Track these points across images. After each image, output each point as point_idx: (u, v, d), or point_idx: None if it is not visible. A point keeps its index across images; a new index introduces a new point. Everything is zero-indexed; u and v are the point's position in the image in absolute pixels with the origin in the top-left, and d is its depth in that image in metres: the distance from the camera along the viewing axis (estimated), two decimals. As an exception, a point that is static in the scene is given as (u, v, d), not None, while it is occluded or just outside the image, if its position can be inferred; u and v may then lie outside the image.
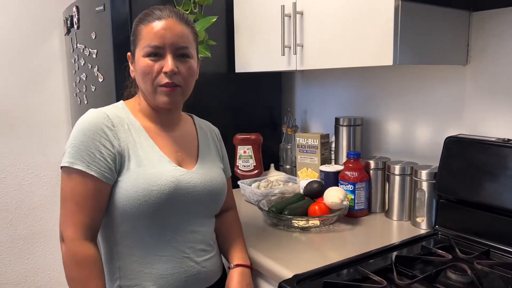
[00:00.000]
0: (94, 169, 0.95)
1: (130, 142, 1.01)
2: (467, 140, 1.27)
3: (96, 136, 0.97)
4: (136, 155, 1.00)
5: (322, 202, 1.42)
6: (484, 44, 1.31)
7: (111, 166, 0.97)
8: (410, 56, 1.19)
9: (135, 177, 0.98)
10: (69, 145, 0.98)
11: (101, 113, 1.01)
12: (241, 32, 1.75)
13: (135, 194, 0.97)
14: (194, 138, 1.18)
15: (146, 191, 0.97)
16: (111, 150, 0.97)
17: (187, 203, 1.04)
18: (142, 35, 1.02)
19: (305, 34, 1.43)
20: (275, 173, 1.86)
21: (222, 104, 1.86)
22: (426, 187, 1.35)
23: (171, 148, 1.08)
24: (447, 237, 1.26)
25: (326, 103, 1.90)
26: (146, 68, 1.01)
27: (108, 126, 0.99)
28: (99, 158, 0.96)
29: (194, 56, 1.07)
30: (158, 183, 0.99)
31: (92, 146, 0.96)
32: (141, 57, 1.01)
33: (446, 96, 1.43)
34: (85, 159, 0.95)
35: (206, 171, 1.11)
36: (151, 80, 1.01)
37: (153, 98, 1.04)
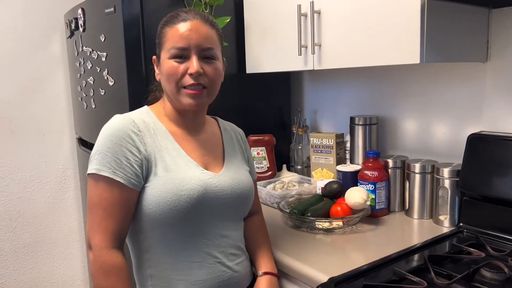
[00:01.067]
0: (121, 175, 0.94)
1: (156, 147, 0.99)
2: (490, 137, 1.27)
3: (122, 142, 0.95)
4: (163, 160, 0.99)
5: (344, 203, 1.41)
6: (505, 41, 1.31)
7: (138, 172, 0.96)
8: (435, 54, 1.19)
9: (163, 182, 0.96)
10: (96, 151, 0.96)
11: (126, 119, 0.99)
12: (252, 33, 1.73)
13: (164, 199, 0.95)
14: (219, 141, 1.17)
15: (175, 196, 0.96)
16: (137, 156, 0.96)
17: (216, 207, 1.03)
18: (168, 37, 1.01)
19: (323, 33, 1.41)
20: (287, 174, 1.85)
21: (232, 105, 1.83)
22: (448, 184, 1.35)
23: (198, 152, 1.07)
24: (474, 234, 1.25)
25: (337, 103, 1.89)
26: (171, 70, 1.00)
27: (134, 131, 0.97)
28: (126, 165, 0.94)
29: (219, 58, 1.06)
30: (187, 187, 0.97)
31: (119, 152, 0.94)
32: (166, 59, 1.01)
33: (465, 94, 1.43)
34: (111, 166, 0.94)
35: (233, 174, 1.10)
36: (175, 82, 1.00)
37: (178, 100, 1.02)
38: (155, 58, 1.08)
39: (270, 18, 1.63)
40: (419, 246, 1.21)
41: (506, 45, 1.31)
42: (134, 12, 1.52)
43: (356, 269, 1.06)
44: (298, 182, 1.75)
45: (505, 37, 1.31)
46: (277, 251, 1.21)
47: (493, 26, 1.33)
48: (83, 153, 2.11)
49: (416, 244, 1.22)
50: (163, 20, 1.05)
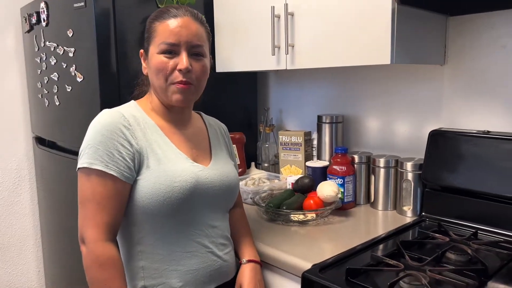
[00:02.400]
0: (114, 168, 0.94)
1: (147, 140, 1.01)
2: (449, 132, 1.39)
3: (114, 135, 0.96)
4: (155, 153, 1.00)
5: (316, 196, 1.47)
6: (460, 46, 1.44)
7: (130, 165, 0.97)
8: (403, 56, 1.28)
9: (156, 175, 0.98)
10: (86, 146, 0.96)
11: (116, 113, 1.00)
12: (222, 32, 1.76)
13: (157, 191, 0.97)
14: (205, 135, 1.20)
15: (169, 188, 0.97)
16: (129, 149, 0.97)
17: (207, 198, 1.06)
18: (158, 32, 1.02)
19: (296, 34, 1.47)
20: (256, 171, 1.89)
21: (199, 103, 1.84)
22: (411, 177, 1.46)
23: (186, 145, 1.09)
24: (436, 222, 1.37)
25: (302, 102, 1.96)
26: (160, 65, 1.01)
27: (125, 125, 0.98)
28: (118, 158, 0.95)
29: (207, 55, 1.09)
30: (180, 179, 0.99)
31: (111, 146, 0.95)
32: (156, 54, 1.01)
33: (425, 94, 1.55)
34: (104, 159, 0.94)
35: (221, 167, 1.13)
36: (164, 77, 1.01)
37: (166, 95, 1.04)
38: (142, 52, 1.09)
39: (242, 18, 1.67)
40: (390, 233, 1.29)
41: (461, 50, 1.44)
42: (105, 7, 1.49)
43: (337, 256, 1.13)
44: (267, 178, 1.79)
45: (460, 42, 1.44)
46: (258, 243, 1.25)
47: (450, 32, 1.46)
48: (42, 152, 2.02)
49: (387, 232, 1.30)
50: (152, 15, 1.06)
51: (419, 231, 1.30)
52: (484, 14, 1.37)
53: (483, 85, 1.41)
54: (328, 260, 1.10)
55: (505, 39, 1.34)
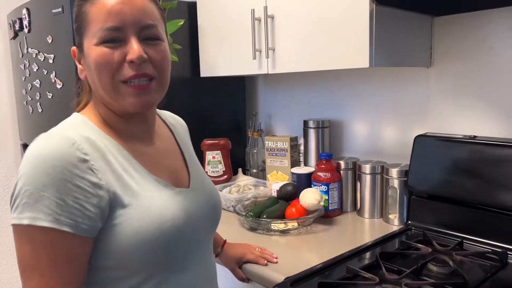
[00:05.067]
0: (67, 222, 0.66)
1: (113, 171, 0.73)
2: (435, 137, 1.34)
3: (65, 174, 0.67)
4: (127, 187, 0.74)
5: (299, 204, 1.43)
6: (446, 48, 1.39)
7: (92, 213, 0.69)
8: (383, 59, 1.24)
9: (138, 217, 0.73)
10: (24, 191, 0.66)
11: (65, 140, 0.70)
12: (206, 36, 1.73)
13: (143, 238, 0.72)
14: (175, 144, 0.95)
15: (158, 231, 0.74)
16: (89, 191, 0.69)
17: (199, 230, 0.85)
18: (91, 17, 0.74)
19: (277, 38, 1.43)
20: (243, 177, 1.85)
21: (186, 108, 1.81)
22: (397, 184, 1.41)
23: (160, 166, 0.84)
24: (421, 231, 1.31)
25: (291, 106, 1.92)
26: (102, 59, 0.73)
27: (79, 157, 0.69)
28: (73, 206, 0.67)
29: (164, 38, 0.81)
30: (169, 217, 0.76)
31: (62, 191, 0.66)
32: (93, 46, 0.74)
33: (411, 97, 1.50)
34: (52, 211, 0.66)
35: (203, 185, 0.92)
36: (110, 75, 0.74)
37: (117, 100, 0.76)
38: (75, 49, 0.80)
39: (224, 22, 1.63)
40: (370, 244, 1.24)
41: (448, 51, 1.38)
42: (83, 12, 1.47)
43: (311, 268, 1.08)
44: (254, 185, 1.75)
45: (446, 43, 1.38)
46: (233, 254, 1.21)
47: (435, 33, 1.40)
48: (29, 160, 2.01)
49: (368, 242, 1.25)
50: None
51: (401, 241, 1.24)
52: (470, 14, 1.32)
53: (470, 88, 1.35)
54: (301, 273, 1.06)
55: (492, 40, 1.28)
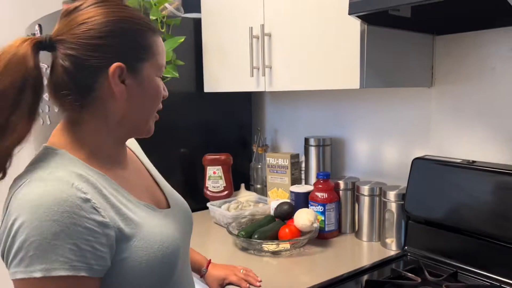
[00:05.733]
0: (82, 267, 0.65)
1: (112, 205, 0.72)
2: (433, 161, 1.29)
3: (74, 219, 0.64)
4: (127, 220, 0.73)
5: (293, 225, 1.41)
6: (449, 67, 1.33)
7: (103, 253, 0.68)
8: (376, 80, 1.20)
9: (144, 246, 0.73)
10: (30, 243, 0.62)
11: (62, 182, 0.67)
12: (209, 53, 1.74)
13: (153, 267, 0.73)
14: (138, 161, 0.94)
15: (163, 256, 0.75)
16: (97, 230, 0.67)
17: (186, 248, 0.89)
18: (158, 50, 0.78)
19: (274, 56, 1.42)
20: (245, 193, 1.84)
21: (191, 123, 1.83)
22: (394, 208, 1.36)
23: (140, 189, 0.84)
24: (416, 258, 1.26)
25: (296, 123, 1.90)
26: (160, 91, 0.80)
27: (82, 197, 0.66)
28: (86, 249, 0.65)
29: None
30: (170, 240, 0.78)
31: (74, 236, 0.64)
32: (155, 76, 0.79)
33: (412, 117, 1.45)
34: (68, 258, 0.63)
35: (178, 202, 0.93)
36: (157, 106, 0.81)
37: (146, 128, 0.81)
38: (124, 67, 0.73)
39: (226, 39, 1.64)
40: (360, 270, 1.21)
41: (450, 71, 1.33)
42: (87, 30, 1.51)
43: (291, 295, 1.06)
44: (255, 202, 1.74)
45: (449, 63, 1.33)
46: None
47: (437, 52, 1.35)
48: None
49: (359, 268, 1.22)
50: (144, 23, 0.77)
51: (392, 269, 1.20)
52: (472, 33, 1.27)
53: (471, 109, 1.29)
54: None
55: (494, 61, 1.23)
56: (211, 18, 1.70)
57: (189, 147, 1.83)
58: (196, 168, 1.84)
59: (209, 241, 1.52)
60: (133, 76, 0.74)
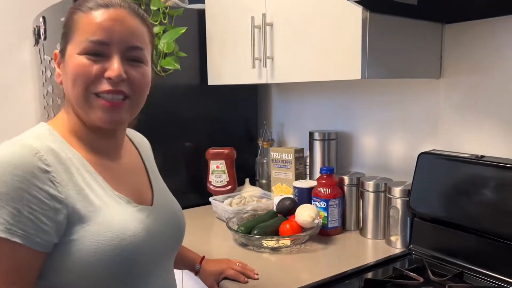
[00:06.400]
0: (19, 233, 0.64)
1: (75, 184, 0.71)
2: (440, 156, 1.23)
3: (24, 184, 0.64)
4: (88, 202, 0.72)
5: (294, 221, 1.37)
6: (458, 57, 1.27)
7: (46, 227, 0.66)
8: (379, 70, 1.15)
9: (97, 232, 0.70)
10: None
11: (27, 149, 0.67)
12: (213, 44, 1.70)
13: (103, 254, 0.70)
14: (140, 162, 0.94)
15: (117, 248, 0.71)
16: (48, 203, 0.66)
17: (160, 249, 0.83)
18: (80, 26, 0.75)
19: (275, 47, 1.38)
20: (250, 188, 1.81)
21: (195, 117, 1.80)
22: (400, 204, 1.30)
23: (124, 183, 0.82)
24: (420, 257, 1.21)
25: (303, 116, 1.85)
26: (79, 68, 0.73)
27: (41, 167, 0.67)
28: (27, 217, 0.64)
29: (148, 62, 0.82)
30: (130, 233, 0.74)
31: (18, 200, 0.64)
32: (75, 54, 0.74)
33: (420, 110, 1.39)
34: (5, 220, 0.63)
35: (165, 201, 0.91)
36: (85, 85, 0.74)
37: (86, 112, 0.76)
38: (57, 53, 0.80)
39: (228, 30, 1.60)
40: (361, 268, 1.16)
41: (460, 61, 1.27)
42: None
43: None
44: (259, 197, 1.70)
45: (459, 52, 1.27)
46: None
47: (446, 42, 1.29)
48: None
49: (359, 267, 1.17)
50: (75, 3, 0.78)
51: (394, 267, 1.15)
52: (484, 21, 1.20)
53: (482, 101, 1.23)
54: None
55: (507, 50, 1.16)
56: (214, 8, 1.67)
57: (193, 141, 1.81)
58: (200, 162, 1.82)
59: (210, 236, 1.49)
60: (63, 60, 0.78)
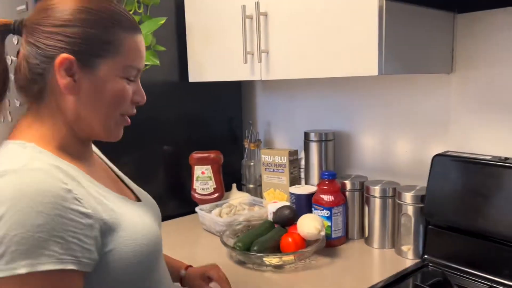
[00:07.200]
0: (71, 260, 0.61)
1: (93, 196, 0.69)
2: (458, 158, 1.13)
3: (58, 209, 0.60)
4: (108, 210, 0.70)
5: (296, 232, 1.23)
6: (472, 50, 1.17)
7: (88, 246, 0.64)
8: (395, 65, 1.03)
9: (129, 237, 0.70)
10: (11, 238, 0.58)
11: (41, 172, 0.63)
12: (194, 37, 1.53)
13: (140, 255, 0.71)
14: (101, 161, 0.90)
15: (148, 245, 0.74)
16: (82, 222, 0.63)
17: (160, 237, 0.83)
18: (126, 49, 0.72)
19: (271, 39, 1.23)
20: (238, 194, 1.65)
21: (175, 117, 1.63)
22: (412, 211, 1.19)
23: (110, 184, 0.81)
24: (439, 269, 1.10)
25: (292, 115, 1.71)
26: (123, 93, 0.73)
27: (64, 188, 0.63)
28: (72, 241, 0.61)
29: None
30: (151, 230, 0.77)
31: (59, 228, 0.60)
32: (117, 77, 0.72)
33: (429, 108, 1.28)
34: (54, 251, 0.59)
35: (142, 192, 0.91)
36: (122, 108, 0.75)
37: (109, 129, 0.75)
38: (74, 61, 0.68)
39: (213, 21, 1.43)
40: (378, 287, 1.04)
41: (472, 55, 1.17)
42: (50, 11, 1.29)
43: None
44: (249, 204, 1.56)
45: (472, 45, 1.17)
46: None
47: (458, 33, 1.18)
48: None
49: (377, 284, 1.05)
50: (112, 17, 0.71)
51: (416, 284, 1.04)
52: (500, 11, 1.10)
53: (500, 98, 1.13)
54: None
55: (528, 42, 1.07)
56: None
57: (172, 144, 1.63)
58: (181, 168, 1.65)
59: (200, 252, 1.33)
60: (86, 72, 0.70)
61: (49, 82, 0.69)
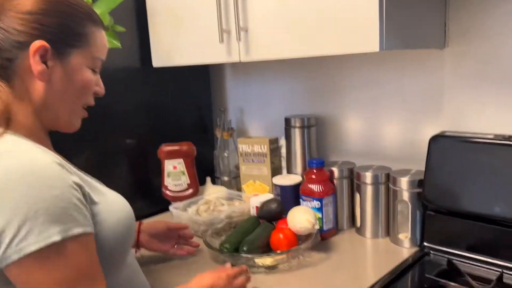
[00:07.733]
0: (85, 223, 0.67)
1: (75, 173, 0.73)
2: (457, 138, 1.06)
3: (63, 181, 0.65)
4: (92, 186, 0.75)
5: (287, 228, 1.13)
6: (465, 24, 1.10)
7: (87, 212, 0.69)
8: (395, 40, 0.94)
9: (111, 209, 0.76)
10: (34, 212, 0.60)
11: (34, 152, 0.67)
12: (158, 16, 1.36)
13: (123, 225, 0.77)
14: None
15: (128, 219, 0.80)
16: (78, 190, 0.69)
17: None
18: (96, 42, 0.78)
19: (251, 15, 1.10)
20: (213, 189, 1.52)
21: (136, 106, 1.46)
22: (408, 197, 1.12)
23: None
24: (444, 257, 1.04)
25: (267, 100, 1.59)
26: (89, 83, 0.78)
27: (57, 162, 0.67)
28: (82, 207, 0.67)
29: None
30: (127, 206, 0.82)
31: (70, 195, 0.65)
32: (85, 66, 0.77)
33: (421, 86, 1.21)
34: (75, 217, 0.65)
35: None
36: (86, 97, 0.79)
37: (70, 118, 0.79)
38: (49, 47, 0.70)
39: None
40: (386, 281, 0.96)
41: (467, 28, 1.10)
42: None
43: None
44: (226, 199, 1.43)
45: (465, 19, 1.10)
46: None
47: (451, 7, 1.11)
48: None
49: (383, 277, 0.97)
50: (84, 11, 0.76)
51: (420, 274, 0.97)
52: (497, -20, 1.04)
53: (497, 74, 1.08)
54: None
55: (526, 12, 1.01)
56: (157, -30, 1.33)
57: (135, 137, 1.47)
58: (148, 163, 1.49)
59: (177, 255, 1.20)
60: (58, 60, 0.73)
61: (17, 68, 0.70)
